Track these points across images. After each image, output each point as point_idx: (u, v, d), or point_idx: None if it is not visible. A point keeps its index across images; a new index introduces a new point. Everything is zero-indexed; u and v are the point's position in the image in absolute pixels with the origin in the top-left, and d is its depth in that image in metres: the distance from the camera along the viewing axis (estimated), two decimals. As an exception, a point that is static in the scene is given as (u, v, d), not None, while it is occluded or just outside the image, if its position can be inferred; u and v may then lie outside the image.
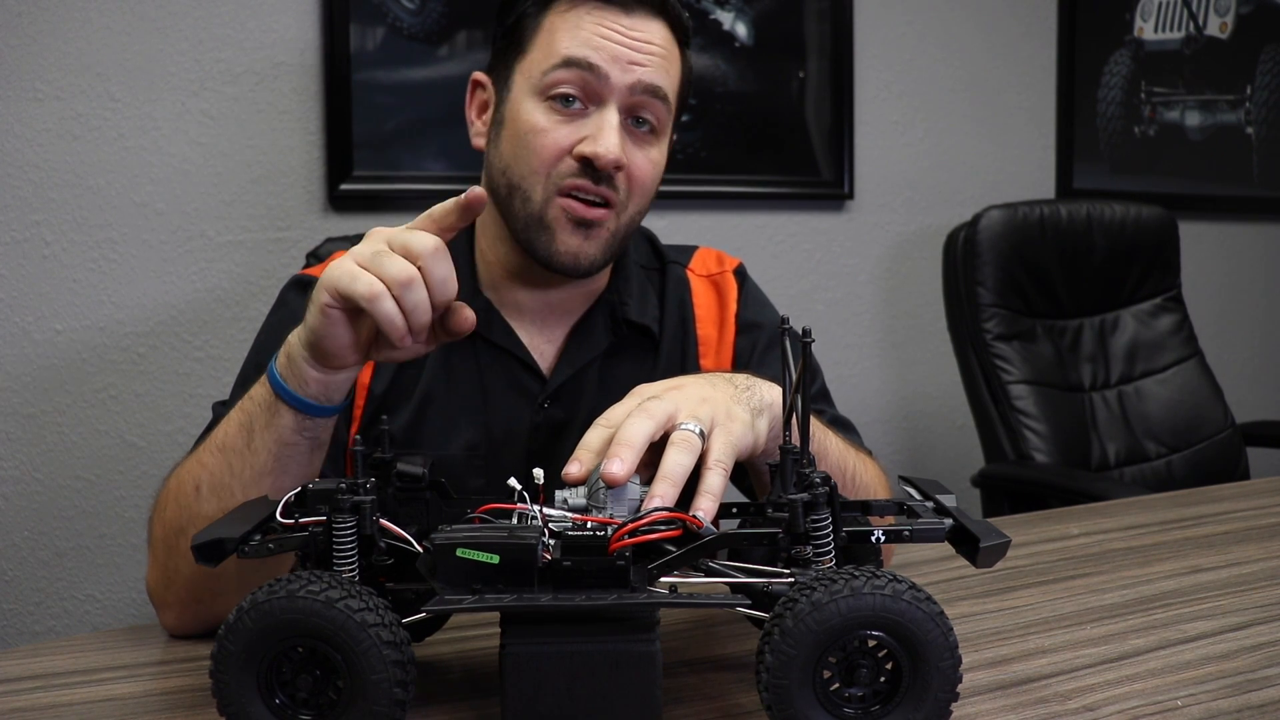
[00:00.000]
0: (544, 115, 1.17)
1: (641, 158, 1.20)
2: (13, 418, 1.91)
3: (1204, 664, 0.96)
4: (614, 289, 1.29)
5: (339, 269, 0.92)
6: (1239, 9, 2.78)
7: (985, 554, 0.80)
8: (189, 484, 1.02)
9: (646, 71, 1.17)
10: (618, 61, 1.15)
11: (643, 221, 1.41)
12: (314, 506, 0.82)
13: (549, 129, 1.16)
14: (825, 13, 2.45)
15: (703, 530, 0.83)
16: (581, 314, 1.28)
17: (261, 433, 0.98)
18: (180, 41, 1.96)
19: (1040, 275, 2.36)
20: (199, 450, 1.04)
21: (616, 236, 1.21)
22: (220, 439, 1.02)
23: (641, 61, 1.17)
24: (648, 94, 1.17)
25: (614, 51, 1.16)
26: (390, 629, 0.74)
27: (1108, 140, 2.85)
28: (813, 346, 0.81)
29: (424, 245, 0.91)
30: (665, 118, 1.21)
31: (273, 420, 0.98)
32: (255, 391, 1.00)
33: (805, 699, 0.73)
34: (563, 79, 1.16)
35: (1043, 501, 2.04)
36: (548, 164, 1.16)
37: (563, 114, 1.16)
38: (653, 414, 0.91)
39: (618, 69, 1.15)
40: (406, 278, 0.89)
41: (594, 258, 1.19)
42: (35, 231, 1.90)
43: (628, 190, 1.19)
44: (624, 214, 1.20)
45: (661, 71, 1.18)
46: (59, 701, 0.91)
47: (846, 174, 2.50)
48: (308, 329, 0.95)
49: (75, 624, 1.97)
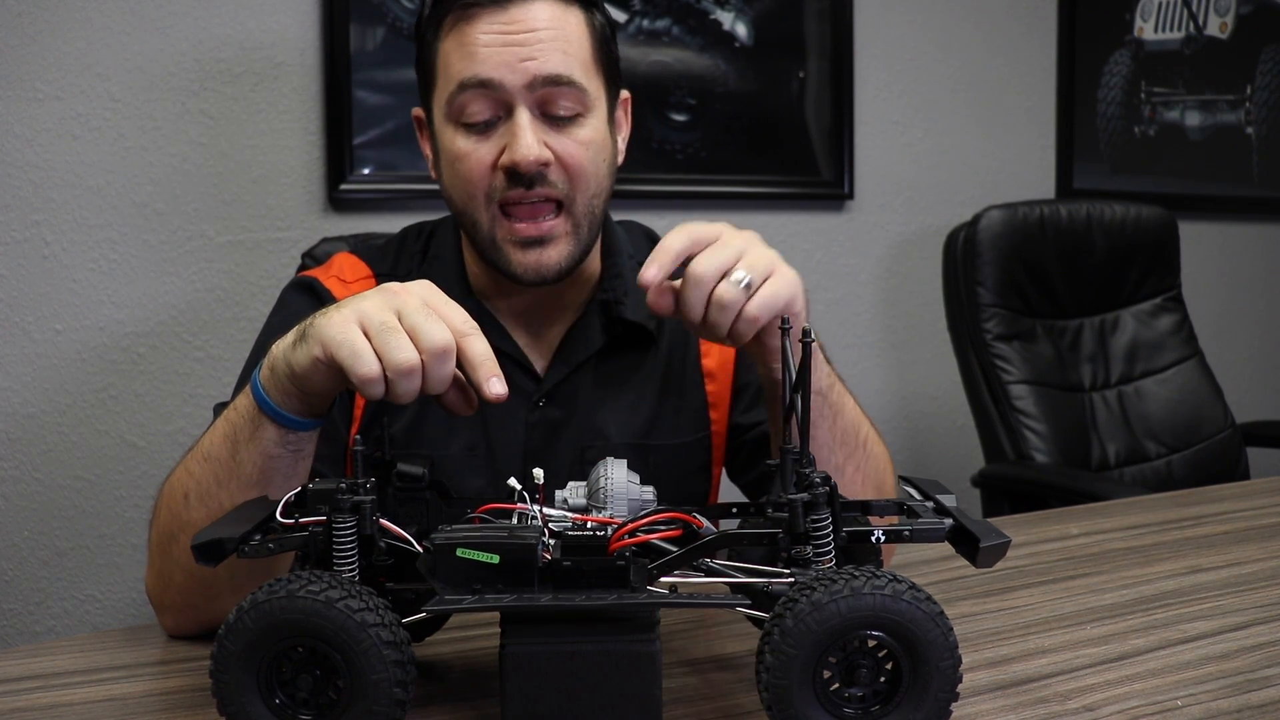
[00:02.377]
0: (463, 140, 1.17)
1: (569, 143, 1.17)
2: (13, 418, 1.91)
3: (1204, 664, 0.96)
4: (607, 286, 1.28)
5: (341, 334, 0.88)
6: (1239, 9, 2.78)
7: (985, 554, 0.80)
8: (179, 491, 1.02)
9: (538, 64, 1.14)
10: (507, 66, 1.13)
11: (642, 220, 1.41)
12: (314, 506, 0.82)
13: (470, 151, 1.16)
14: (825, 13, 2.45)
15: (703, 530, 0.83)
16: (576, 313, 1.28)
17: (245, 444, 0.97)
18: (180, 41, 1.96)
19: (1040, 275, 2.36)
20: (188, 458, 1.04)
21: (578, 232, 1.19)
22: (206, 448, 1.01)
23: (531, 55, 1.14)
24: (549, 85, 1.15)
25: (501, 58, 1.13)
26: (390, 629, 0.74)
27: (1108, 140, 2.85)
28: (813, 346, 0.81)
29: (433, 342, 0.87)
30: (582, 96, 1.17)
31: (256, 433, 0.97)
32: (240, 402, 0.99)
33: (805, 699, 0.73)
34: (466, 101, 1.15)
35: (1043, 501, 2.04)
36: (480, 186, 1.16)
37: (478, 133, 1.16)
38: (726, 244, 0.99)
39: (510, 74, 1.13)
40: (408, 368, 0.86)
41: (558, 265, 1.18)
42: (35, 231, 1.90)
43: (567, 181, 1.17)
44: (575, 207, 1.18)
45: (556, 54, 1.15)
46: (59, 701, 0.91)
47: (846, 174, 2.50)
48: (294, 367, 0.93)
49: (75, 624, 1.97)
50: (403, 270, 1.28)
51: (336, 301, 1.24)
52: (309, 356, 0.91)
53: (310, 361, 0.91)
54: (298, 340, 0.93)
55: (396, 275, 1.27)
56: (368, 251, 1.32)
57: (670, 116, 2.34)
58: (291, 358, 0.93)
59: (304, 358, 0.91)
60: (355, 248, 1.38)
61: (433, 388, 0.88)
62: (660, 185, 2.32)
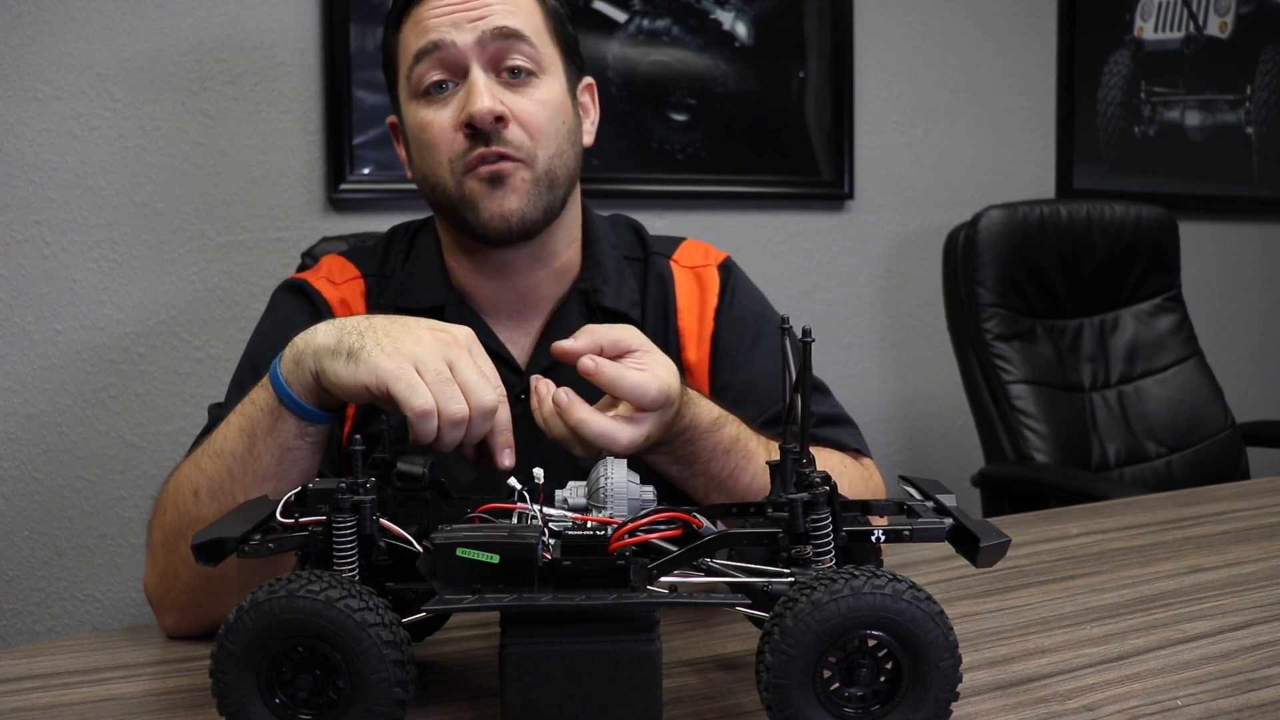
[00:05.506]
0: (425, 109, 1.20)
1: (526, 102, 1.19)
2: (13, 418, 1.91)
3: (1204, 664, 0.96)
4: (586, 276, 1.28)
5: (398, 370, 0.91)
6: (1239, 9, 2.78)
7: (985, 554, 0.80)
8: (187, 488, 1.02)
9: (488, 20, 1.17)
10: (457, 26, 1.17)
11: (642, 220, 1.41)
12: (314, 506, 0.82)
13: (432, 119, 1.19)
14: (825, 13, 2.45)
15: (703, 530, 0.83)
16: (556, 304, 1.28)
17: (264, 438, 0.99)
18: (180, 41, 1.96)
19: (1040, 275, 2.36)
20: (196, 454, 1.04)
21: (540, 185, 1.20)
22: (219, 444, 1.01)
23: (479, 15, 1.18)
24: (500, 38, 1.18)
25: (450, 19, 1.18)
26: (390, 629, 0.74)
27: (1108, 140, 2.85)
28: (812, 346, 0.81)
29: (483, 403, 0.93)
30: (535, 54, 1.20)
31: (275, 425, 0.98)
32: (256, 396, 1.00)
33: (805, 699, 0.73)
34: (423, 71, 1.19)
35: (1043, 501, 2.04)
36: (445, 149, 1.19)
37: (439, 101, 1.19)
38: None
39: (459, 33, 1.17)
40: (459, 419, 0.91)
41: (523, 211, 1.19)
42: (35, 231, 1.90)
43: (527, 138, 1.19)
44: (536, 162, 1.19)
45: (506, 13, 1.19)
46: (59, 701, 0.91)
47: (846, 174, 2.50)
48: (332, 377, 0.95)
49: (75, 624, 1.97)
50: (389, 270, 1.30)
51: (327, 303, 1.25)
52: (355, 380, 0.93)
53: (356, 384, 0.93)
54: (345, 357, 0.94)
55: (383, 275, 1.30)
56: (356, 252, 1.35)
57: (670, 116, 2.34)
58: (331, 367, 0.95)
59: (348, 378, 0.93)
60: (348, 249, 1.40)
61: (471, 440, 0.94)
62: (660, 185, 2.32)
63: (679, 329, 1.31)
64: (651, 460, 1.08)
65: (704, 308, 1.32)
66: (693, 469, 1.08)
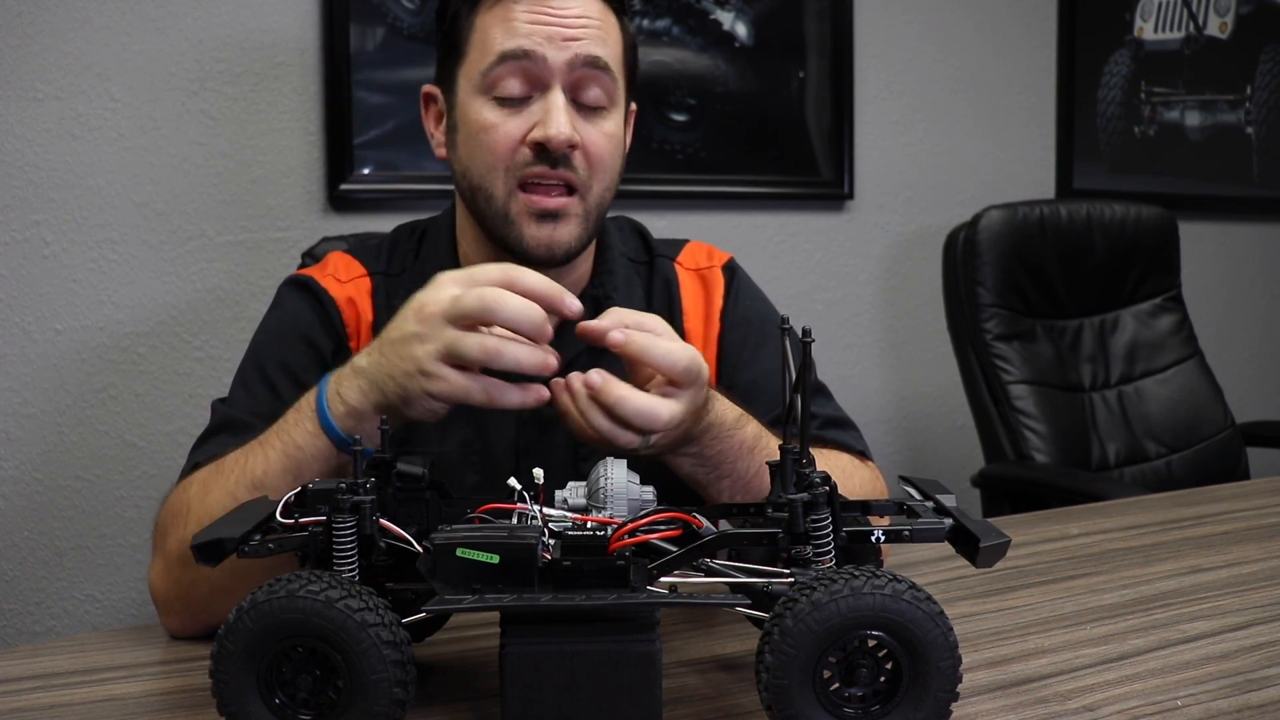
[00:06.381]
0: (492, 111, 1.17)
1: (596, 134, 1.19)
2: (13, 418, 1.91)
3: (1204, 664, 0.96)
4: (598, 283, 1.28)
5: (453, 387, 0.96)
6: (1239, 9, 2.78)
7: (985, 554, 0.80)
8: (215, 510, 1.00)
9: (582, 45, 1.16)
10: (552, 42, 1.15)
11: (643, 220, 1.41)
12: (314, 506, 0.82)
13: (499, 123, 1.17)
14: (825, 13, 2.45)
15: (703, 530, 0.83)
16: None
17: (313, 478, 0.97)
18: (180, 41, 1.96)
19: (1040, 275, 2.36)
20: (229, 479, 1.03)
21: (588, 219, 1.20)
22: (258, 477, 1.01)
23: (576, 36, 1.16)
24: (588, 67, 1.17)
25: (547, 33, 1.16)
26: (390, 629, 0.74)
27: (1108, 140, 2.85)
28: (812, 346, 0.81)
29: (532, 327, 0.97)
30: (612, 88, 1.20)
31: (329, 468, 1.00)
32: (302, 439, 1.00)
33: (805, 699, 0.73)
34: (503, 74, 1.16)
35: (1043, 501, 2.04)
36: (504, 158, 1.17)
37: (510, 107, 1.17)
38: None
39: (553, 49, 1.15)
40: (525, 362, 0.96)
41: (568, 245, 1.19)
42: (35, 231, 1.90)
43: (588, 169, 1.18)
44: (590, 195, 1.19)
45: (598, 42, 1.18)
46: (59, 701, 0.91)
47: (846, 174, 2.50)
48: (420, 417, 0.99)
49: (75, 624, 1.97)
50: (396, 268, 1.29)
51: (334, 301, 1.25)
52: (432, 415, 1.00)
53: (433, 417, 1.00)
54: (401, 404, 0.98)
55: (390, 273, 1.28)
56: (362, 250, 1.33)
57: (670, 116, 2.34)
58: (404, 414, 0.99)
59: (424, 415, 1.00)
60: (350, 247, 1.39)
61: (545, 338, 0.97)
62: (660, 185, 2.32)
63: (685, 331, 1.31)
64: (677, 464, 1.06)
65: (709, 310, 1.32)
66: (719, 470, 1.07)
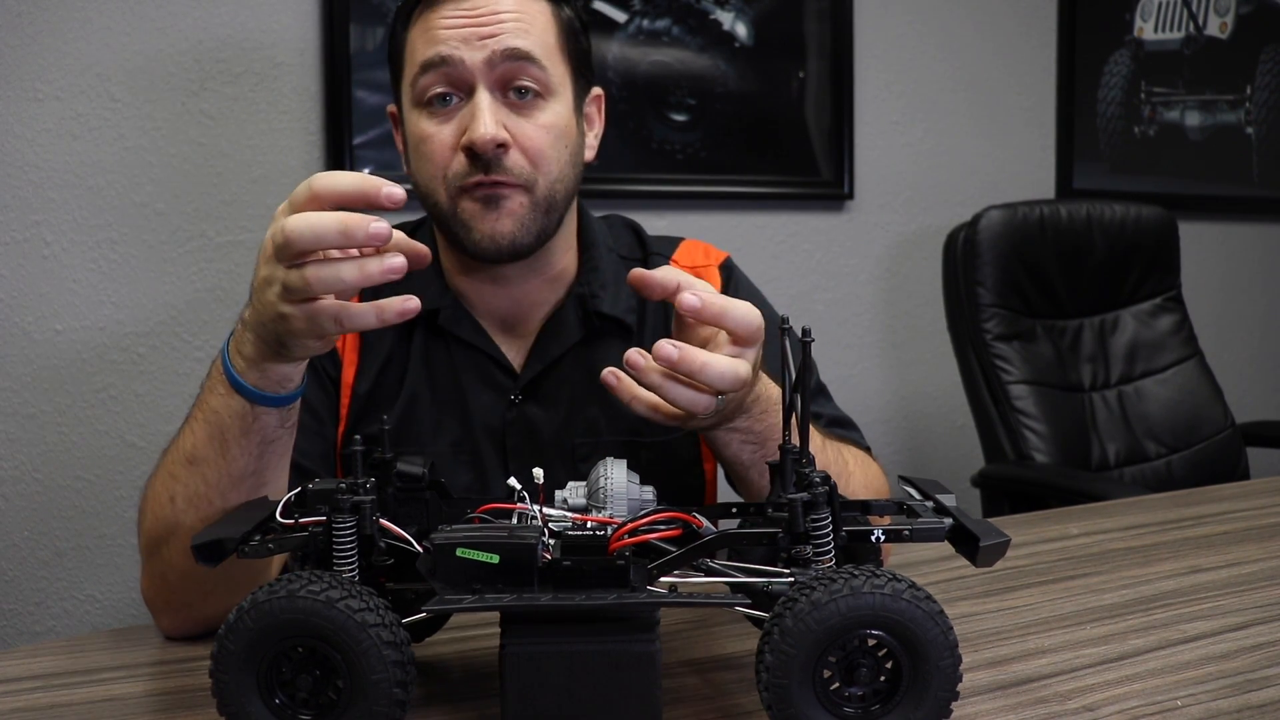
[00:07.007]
0: (427, 122, 1.18)
1: (530, 127, 1.17)
2: (13, 418, 1.91)
3: (1204, 664, 0.96)
4: (584, 281, 1.27)
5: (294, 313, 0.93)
6: (1239, 9, 2.78)
7: (985, 553, 0.80)
8: (163, 496, 1.01)
9: (499, 40, 1.15)
10: (468, 43, 1.15)
11: (642, 220, 1.41)
12: (314, 507, 0.82)
13: (433, 133, 1.17)
14: (825, 13, 2.45)
15: (703, 530, 0.83)
16: (551, 310, 1.27)
17: (238, 440, 0.97)
18: (180, 41, 1.96)
19: (1040, 275, 2.36)
20: (167, 460, 1.03)
21: (537, 210, 1.18)
22: (189, 451, 0.99)
23: (492, 32, 1.15)
24: (511, 60, 1.16)
25: (462, 35, 1.15)
26: (390, 629, 0.74)
27: (1107, 140, 2.85)
28: (812, 346, 0.81)
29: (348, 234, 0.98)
30: (543, 76, 1.18)
31: (252, 426, 0.97)
32: (217, 403, 0.97)
33: (805, 698, 0.73)
34: (429, 83, 1.17)
35: (1043, 501, 2.04)
36: (441, 166, 1.17)
37: (442, 114, 1.17)
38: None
39: (469, 50, 1.15)
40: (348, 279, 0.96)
41: (514, 235, 1.17)
42: (35, 231, 1.90)
43: (527, 164, 1.17)
44: (536, 187, 1.18)
45: (518, 34, 1.16)
46: (59, 701, 0.91)
47: (846, 174, 2.50)
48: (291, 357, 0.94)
49: (75, 624, 1.97)
50: None
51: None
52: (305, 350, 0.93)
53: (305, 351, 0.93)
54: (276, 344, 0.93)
55: None
56: None
57: (670, 116, 2.34)
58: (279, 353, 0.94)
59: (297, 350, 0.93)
60: None
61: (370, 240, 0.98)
62: (660, 185, 2.32)
63: None
64: (725, 442, 1.04)
65: None
66: (766, 448, 1.05)
